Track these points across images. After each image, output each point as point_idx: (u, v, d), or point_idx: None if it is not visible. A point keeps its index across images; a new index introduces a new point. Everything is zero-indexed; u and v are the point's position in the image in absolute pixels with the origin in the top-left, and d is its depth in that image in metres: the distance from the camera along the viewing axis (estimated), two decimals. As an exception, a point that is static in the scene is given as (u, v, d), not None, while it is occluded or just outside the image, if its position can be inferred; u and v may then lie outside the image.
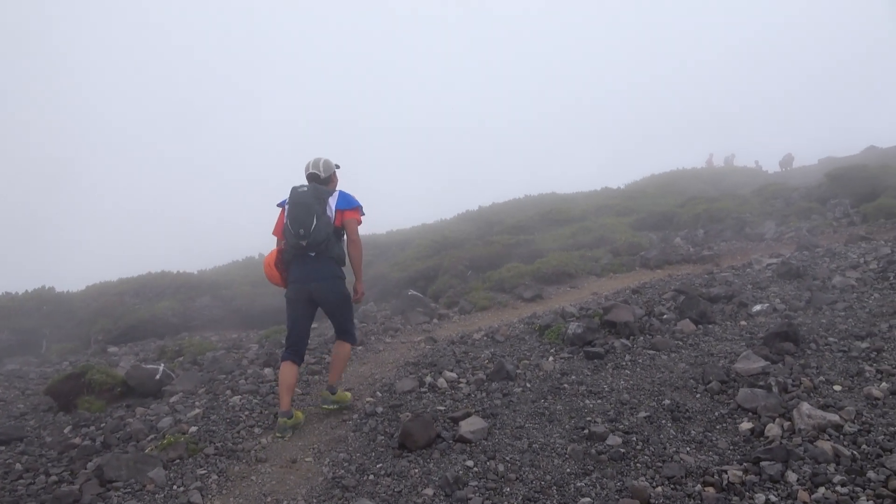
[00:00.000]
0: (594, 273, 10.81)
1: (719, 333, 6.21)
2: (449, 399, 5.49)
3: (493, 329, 7.47)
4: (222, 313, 14.20)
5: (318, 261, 5.20)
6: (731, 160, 37.60)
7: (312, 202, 5.11)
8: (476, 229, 19.83)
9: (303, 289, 5.26)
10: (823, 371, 4.91)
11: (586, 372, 5.68)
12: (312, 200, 5.12)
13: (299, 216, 5.07)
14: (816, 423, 4.03)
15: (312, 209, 5.08)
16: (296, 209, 5.10)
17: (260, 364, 7.35)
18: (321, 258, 5.20)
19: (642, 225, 15.80)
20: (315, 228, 5.05)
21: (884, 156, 25.24)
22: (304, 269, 5.21)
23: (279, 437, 5.11)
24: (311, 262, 5.20)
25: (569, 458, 4.20)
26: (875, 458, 3.64)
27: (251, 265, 21.38)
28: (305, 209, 5.07)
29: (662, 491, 3.66)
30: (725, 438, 4.19)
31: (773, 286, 7.48)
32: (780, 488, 3.52)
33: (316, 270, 5.21)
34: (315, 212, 5.08)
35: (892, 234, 9.72)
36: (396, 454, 4.52)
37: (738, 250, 10.96)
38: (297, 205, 5.12)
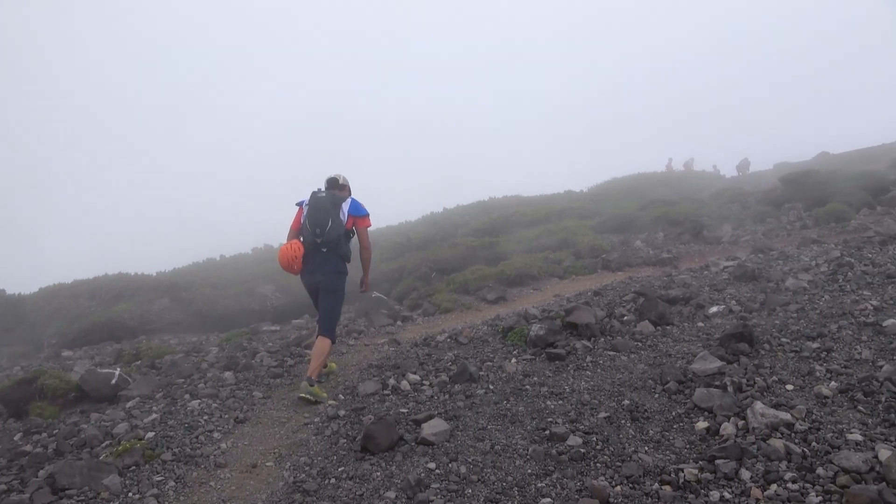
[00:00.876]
0: (557, 275, 10.92)
1: (677, 335, 6.34)
2: (412, 401, 5.49)
3: (457, 331, 7.49)
4: (182, 316, 13.93)
5: (328, 256, 6.06)
6: (691, 164, 38.41)
7: (329, 207, 6.02)
8: (441, 231, 19.85)
9: (313, 280, 6.15)
10: (776, 371, 5.05)
11: (548, 373, 5.74)
12: (329, 205, 6.04)
13: (317, 217, 5.96)
14: (769, 421, 4.15)
15: (329, 213, 5.98)
16: (315, 211, 5.99)
17: (220, 367, 7.23)
18: (331, 254, 6.06)
19: (604, 228, 16.02)
20: (329, 229, 5.95)
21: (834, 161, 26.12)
22: (316, 262, 6.06)
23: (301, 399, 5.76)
24: (322, 256, 6.05)
25: (530, 458, 4.24)
26: (824, 455, 3.76)
27: (212, 267, 21.04)
28: (324, 212, 5.97)
29: (621, 490, 3.72)
30: (682, 437, 4.28)
31: (730, 288, 7.67)
32: (734, 486, 3.60)
33: (324, 264, 6.07)
34: (331, 215, 5.99)
35: (842, 237, 10.06)
36: (358, 457, 4.50)
37: (696, 253, 11.21)
38: (316, 208, 6.01)
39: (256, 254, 24.07)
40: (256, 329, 10.11)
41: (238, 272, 18.12)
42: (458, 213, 24.30)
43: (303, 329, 9.53)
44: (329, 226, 5.96)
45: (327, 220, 5.96)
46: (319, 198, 6.09)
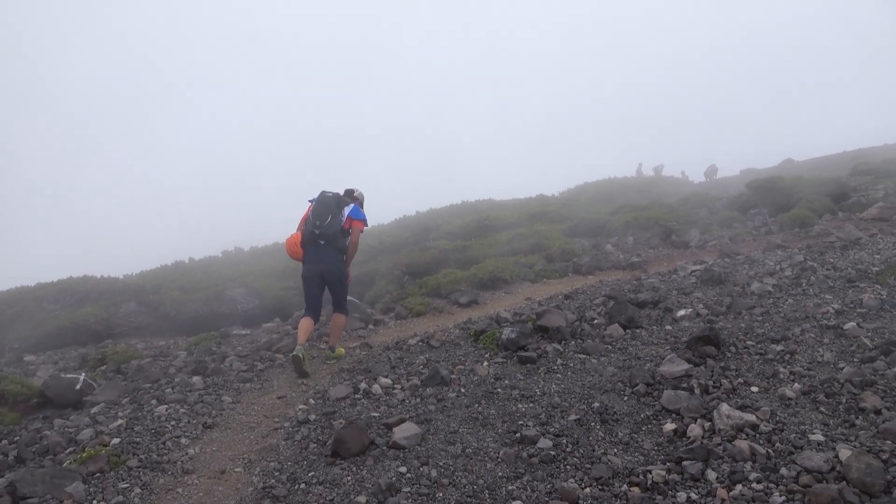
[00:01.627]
0: (529, 279, 10.98)
1: (646, 338, 6.43)
2: (383, 405, 5.48)
3: (429, 334, 7.49)
4: (149, 320, 13.66)
5: (326, 248, 6.97)
6: (660, 170, 38.95)
7: (332, 205, 7.03)
8: (413, 235, 19.81)
9: (315, 269, 7.01)
10: (742, 373, 5.16)
11: (519, 376, 5.77)
12: (332, 204, 7.05)
13: (319, 212, 6.97)
14: (735, 423, 4.23)
15: (330, 209, 6.98)
16: (318, 207, 7.02)
17: (188, 372, 7.12)
18: (329, 247, 6.98)
19: (575, 232, 16.16)
20: (328, 224, 6.91)
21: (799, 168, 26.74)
22: (317, 254, 6.97)
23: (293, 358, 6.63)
24: (321, 248, 6.97)
25: (501, 461, 4.26)
26: (787, 456, 3.85)
27: (181, 269, 20.70)
28: (325, 208, 6.98)
29: (591, 492, 3.76)
30: (650, 439, 4.34)
31: (697, 292, 7.80)
32: (700, 486, 3.67)
33: (325, 256, 6.98)
34: (331, 212, 6.96)
35: (805, 242, 10.30)
36: (329, 462, 4.47)
37: (664, 257, 11.38)
38: (320, 204, 7.04)
39: (227, 257, 23.75)
40: (226, 333, 9.97)
41: (208, 275, 17.86)
42: (431, 217, 24.28)
43: (273, 333, 9.42)
44: (328, 220, 6.91)
45: (327, 215, 6.93)
46: (326, 196, 7.11)
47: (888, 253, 8.20)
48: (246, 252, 24.27)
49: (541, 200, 25.70)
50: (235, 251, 24.73)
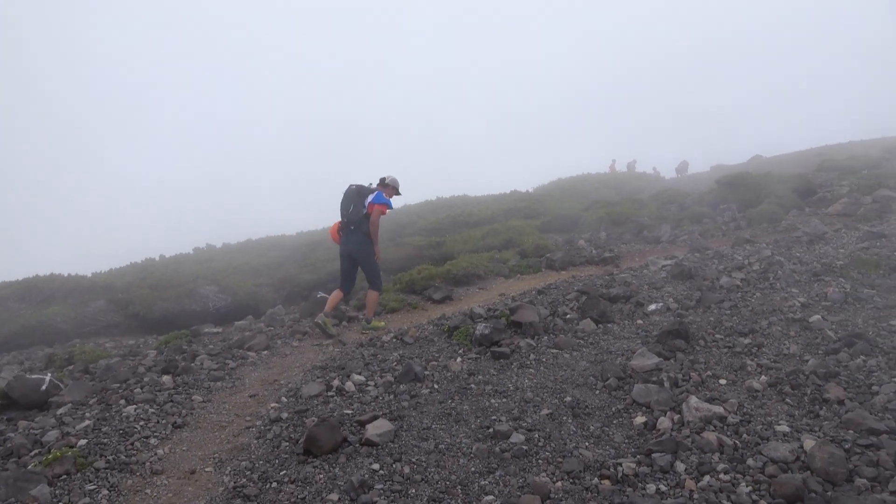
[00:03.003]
0: (502, 274, 11.01)
1: (618, 332, 6.50)
2: (356, 402, 5.45)
3: (403, 331, 7.47)
4: (118, 318, 13.42)
5: (354, 233, 8.07)
6: (633, 166, 39.35)
7: (354, 196, 8.09)
8: (387, 231, 19.75)
9: (344, 250, 8.24)
10: (710, 366, 5.24)
11: (492, 372, 5.79)
12: (354, 195, 8.10)
13: (343, 204, 8.17)
14: (703, 415, 4.30)
15: (352, 200, 8.08)
16: (343, 199, 8.21)
17: (158, 371, 7.00)
18: (356, 231, 8.06)
19: (549, 227, 16.25)
20: (351, 212, 8.05)
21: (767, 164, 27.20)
22: (346, 238, 8.16)
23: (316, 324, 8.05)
24: (350, 233, 8.11)
25: (474, 457, 4.27)
26: (754, 447, 3.93)
27: (150, 267, 20.39)
28: (347, 200, 8.13)
29: (562, 485, 3.79)
30: (621, 432, 4.39)
31: (668, 286, 7.90)
32: (669, 478, 3.72)
33: (353, 239, 8.10)
34: (353, 202, 8.06)
35: (773, 237, 10.49)
36: (301, 460, 4.43)
37: (636, 252, 11.49)
38: (344, 197, 8.20)
39: (198, 253, 23.43)
40: (197, 331, 9.84)
41: (179, 273, 17.59)
42: (405, 213, 24.23)
43: (246, 331, 9.32)
44: (351, 209, 8.05)
45: (349, 205, 8.07)
46: (349, 189, 8.20)
47: (852, 247, 8.39)
48: (218, 249, 23.97)
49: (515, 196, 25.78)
50: (207, 248, 24.41)
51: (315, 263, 15.59)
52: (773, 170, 19.92)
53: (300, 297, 13.25)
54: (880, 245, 8.11)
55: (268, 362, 7.18)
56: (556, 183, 32.86)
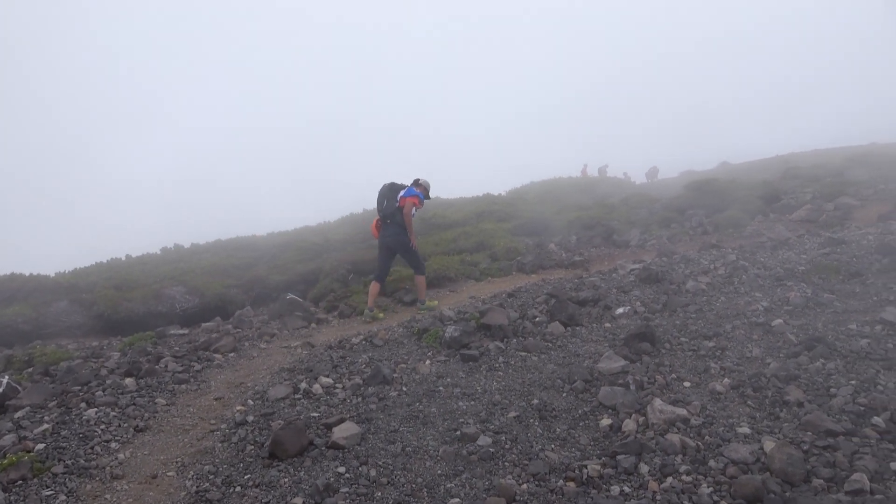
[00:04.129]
0: (473, 277, 11.04)
1: (585, 335, 6.55)
2: (324, 405, 5.41)
3: (372, 333, 7.44)
4: (82, 319, 13.10)
5: (391, 226, 8.87)
6: (605, 171, 39.79)
7: (387, 192, 8.93)
8: (360, 232, 19.63)
9: (381, 241, 9.05)
10: (675, 369, 5.32)
11: (461, 374, 5.79)
12: (387, 191, 8.94)
13: (378, 200, 8.97)
14: (667, 417, 4.35)
15: (385, 196, 8.91)
16: (378, 196, 9.00)
17: (121, 374, 6.86)
18: (392, 224, 8.86)
19: (520, 231, 16.32)
20: (385, 207, 8.87)
21: (734, 171, 27.74)
22: (384, 230, 8.96)
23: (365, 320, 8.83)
24: (387, 226, 8.91)
25: (441, 459, 4.26)
26: (716, 448, 3.99)
27: (116, 267, 19.98)
28: (381, 196, 8.95)
29: (528, 488, 3.80)
30: (587, 435, 4.42)
31: (636, 290, 7.99)
32: (633, 480, 3.76)
33: (389, 231, 8.89)
34: (387, 198, 8.89)
35: (738, 242, 10.68)
36: (266, 464, 4.38)
37: (606, 256, 11.62)
38: (379, 194, 9.00)
39: (165, 253, 23.02)
40: (163, 333, 9.66)
41: (145, 273, 17.26)
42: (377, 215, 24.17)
43: (213, 332, 9.18)
44: (385, 204, 8.88)
45: (383, 201, 8.91)
46: (383, 186, 9.02)
47: (814, 253, 8.58)
48: (186, 249, 23.57)
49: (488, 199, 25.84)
50: (175, 248, 24.00)
51: (285, 265, 15.44)
52: (740, 176, 20.33)
53: (270, 298, 13.10)
54: (840, 251, 8.31)
55: (234, 364, 7.09)
56: (529, 186, 33.07)
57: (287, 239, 20.96)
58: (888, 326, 5.54)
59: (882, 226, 9.83)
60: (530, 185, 33.30)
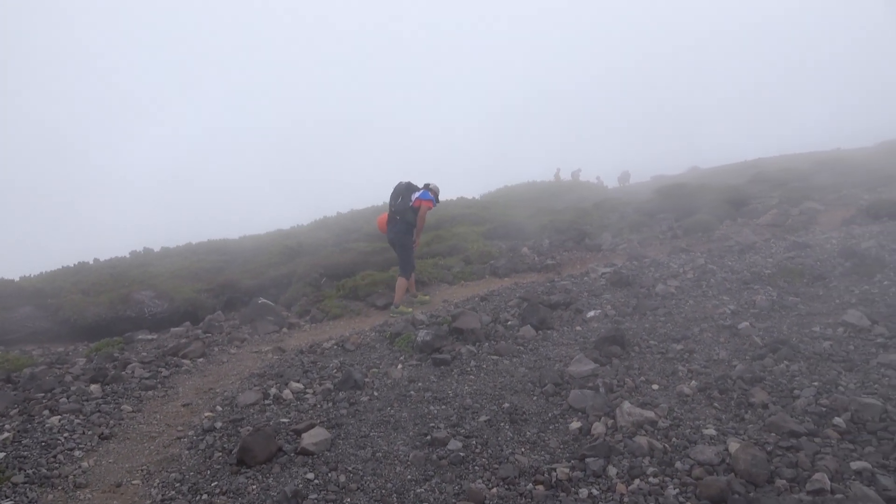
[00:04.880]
0: (446, 281, 11.05)
1: (557, 338, 6.60)
2: (294, 411, 5.36)
3: (344, 338, 7.40)
4: (48, 324, 12.80)
5: (400, 223, 9.28)
6: (578, 175, 40.12)
7: (402, 190, 9.35)
8: (333, 236, 19.54)
9: (389, 237, 9.50)
10: (644, 371, 5.38)
11: (433, 378, 5.79)
12: (403, 189, 9.36)
13: (393, 195, 9.39)
14: (635, 419, 4.40)
15: (400, 193, 9.33)
16: (393, 192, 9.43)
17: (86, 380, 6.73)
18: (401, 222, 9.26)
19: (493, 234, 16.38)
20: (399, 204, 9.27)
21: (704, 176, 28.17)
22: (392, 227, 9.36)
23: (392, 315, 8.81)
24: (395, 223, 9.32)
25: (411, 464, 4.25)
26: (682, 450, 4.04)
27: (83, 271, 19.58)
28: (396, 193, 9.38)
29: (497, 492, 3.81)
30: (557, 438, 4.45)
31: (606, 293, 8.07)
32: (601, 482, 3.79)
33: (396, 228, 9.32)
34: (401, 195, 9.30)
35: (707, 246, 10.85)
36: (234, 471, 4.33)
37: (578, 260, 11.71)
38: (394, 190, 9.44)
39: (135, 257, 22.63)
40: (131, 338, 9.50)
41: (114, 277, 16.93)
42: (350, 218, 24.04)
43: (182, 337, 9.05)
44: (399, 201, 9.26)
45: (398, 197, 9.29)
46: (399, 185, 9.44)
47: (780, 256, 8.75)
48: (156, 253, 23.21)
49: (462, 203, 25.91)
50: (144, 252, 23.61)
51: (257, 268, 15.29)
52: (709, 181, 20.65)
53: (241, 302, 12.95)
54: (805, 255, 8.49)
55: (203, 370, 7.00)
56: (503, 190, 33.21)
57: (259, 242, 20.76)
58: (850, 329, 5.67)
59: (845, 230, 10.06)
60: (504, 189, 33.44)
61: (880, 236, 8.74)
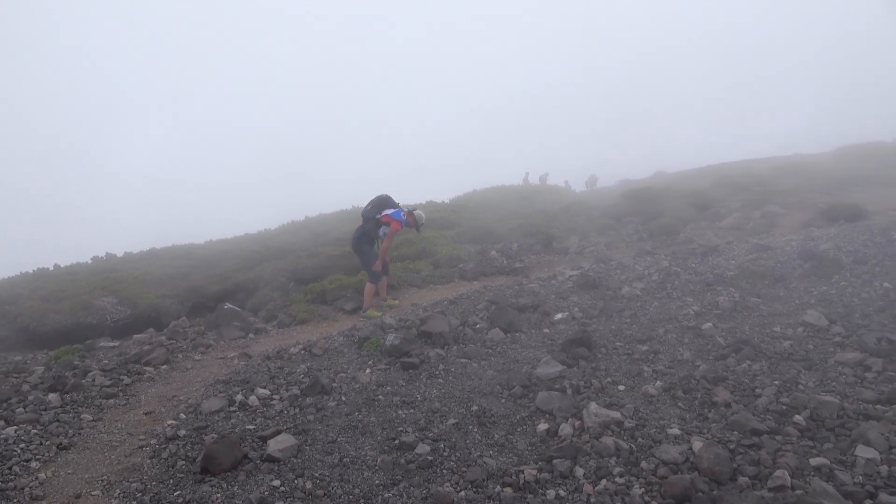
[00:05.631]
0: (415, 284, 11.03)
1: (525, 341, 6.63)
2: (260, 417, 5.29)
3: (312, 343, 7.32)
4: (4, 332, 12.43)
5: (360, 228, 9.43)
6: (545, 179, 40.46)
7: (378, 202, 9.40)
8: (301, 240, 19.35)
9: (351, 242, 9.61)
10: (611, 372, 5.43)
11: (401, 382, 5.76)
12: (378, 201, 9.41)
13: (366, 205, 9.45)
14: (602, 420, 4.44)
15: (374, 204, 9.35)
16: (371, 200, 9.45)
17: (45, 389, 6.52)
18: (363, 227, 9.38)
19: (462, 238, 16.40)
20: (367, 210, 9.36)
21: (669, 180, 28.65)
22: (355, 232, 9.50)
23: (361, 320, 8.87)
24: (359, 229, 9.45)
25: (379, 469, 4.22)
26: (648, 450, 4.09)
27: (43, 277, 19.08)
28: (372, 203, 9.39)
29: (465, 495, 3.81)
30: (525, 440, 4.47)
31: (574, 296, 8.14)
32: (568, 483, 3.82)
33: (356, 234, 9.46)
34: (374, 204, 9.35)
35: (671, 248, 11.03)
36: (198, 479, 4.24)
37: (546, 263, 11.80)
38: (370, 201, 9.45)
39: (97, 263, 22.11)
40: (91, 345, 9.27)
41: (75, 284, 16.51)
42: (318, 222, 23.85)
43: (145, 344, 8.86)
44: (369, 207, 9.35)
45: (369, 205, 9.38)
46: (380, 195, 9.51)
47: (742, 259, 8.93)
48: (119, 258, 22.70)
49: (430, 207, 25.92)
50: (107, 257, 23.08)
51: (223, 273, 15.05)
52: (674, 185, 21.00)
53: (207, 308, 12.74)
54: (766, 257, 8.68)
55: (167, 377, 6.86)
56: (472, 194, 33.27)
57: (226, 247, 20.46)
58: (809, 328, 5.81)
59: (804, 232, 10.33)
60: (473, 193, 33.52)
61: (837, 238, 8.99)
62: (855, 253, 7.92)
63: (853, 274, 7.16)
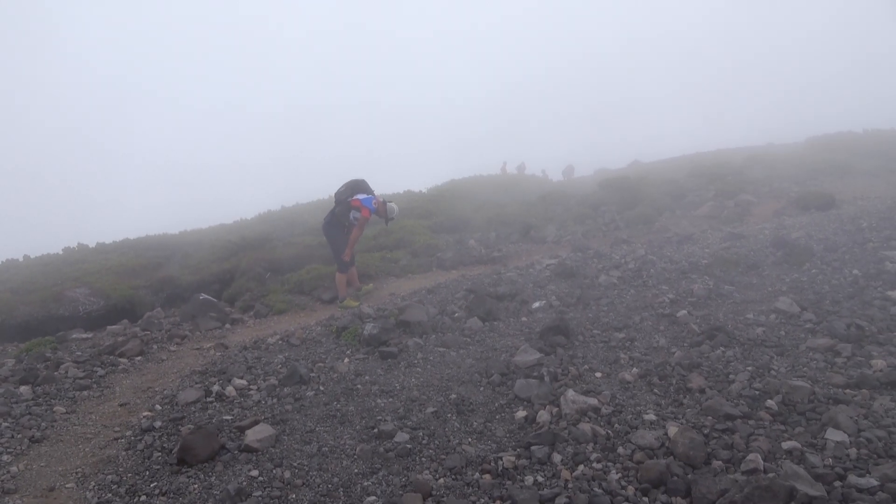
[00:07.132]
0: (393, 274, 11.01)
1: (503, 329, 6.66)
2: (237, 407, 5.25)
3: (289, 333, 7.29)
4: (-28, 325, 12.19)
5: (331, 215, 9.36)
6: (523, 168, 40.57)
7: (352, 185, 9.40)
8: (277, 230, 19.17)
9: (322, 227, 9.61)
10: (588, 360, 5.48)
11: (380, 371, 5.76)
12: (352, 183, 9.43)
13: (339, 187, 9.49)
14: (579, 407, 4.49)
15: (348, 187, 9.36)
16: (344, 183, 9.47)
17: (15, 382, 6.41)
18: (332, 214, 9.35)
19: (440, 227, 16.39)
20: (340, 192, 9.41)
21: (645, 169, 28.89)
22: (326, 217, 9.46)
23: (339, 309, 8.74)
24: (330, 214, 9.40)
25: (357, 458, 4.23)
26: (624, 435, 4.14)
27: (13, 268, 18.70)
28: (345, 186, 9.42)
29: (444, 482, 3.83)
30: (503, 427, 4.50)
31: (551, 284, 8.19)
32: (546, 469, 3.86)
33: (327, 218, 9.42)
34: (347, 186, 9.38)
35: (647, 237, 11.14)
36: (174, 470, 4.21)
37: (523, 252, 11.84)
38: (344, 183, 9.48)
39: (68, 253, 21.71)
40: (64, 337, 9.12)
41: (45, 275, 16.21)
42: (295, 212, 23.67)
43: (119, 336, 8.73)
44: (342, 189, 9.38)
45: (343, 186, 9.41)
46: (349, 181, 9.49)
47: (716, 247, 9.05)
48: (91, 249, 22.32)
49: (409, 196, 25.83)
50: (79, 248, 22.68)
51: (199, 264, 14.89)
52: (649, 174, 21.16)
53: (182, 299, 12.58)
54: (739, 245, 8.81)
55: (142, 368, 6.78)
56: (450, 184, 33.19)
57: (201, 237, 20.25)
58: (781, 315, 5.92)
59: (776, 221, 10.49)
60: (451, 183, 33.44)
61: (809, 227, 9.15)
62: (825, 241, 8.07)
63: (824, 261, 7.30)
